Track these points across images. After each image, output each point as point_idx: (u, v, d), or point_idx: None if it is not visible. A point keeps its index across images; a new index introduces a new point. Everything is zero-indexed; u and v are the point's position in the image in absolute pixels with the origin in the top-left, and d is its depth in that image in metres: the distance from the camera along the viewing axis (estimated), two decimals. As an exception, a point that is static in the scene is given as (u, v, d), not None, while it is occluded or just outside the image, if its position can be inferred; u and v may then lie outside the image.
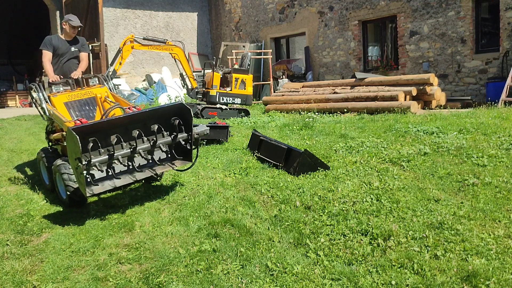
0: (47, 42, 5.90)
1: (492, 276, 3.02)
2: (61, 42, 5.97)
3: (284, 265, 3.42)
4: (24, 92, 17.30)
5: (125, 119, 4.43)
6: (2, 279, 3.46)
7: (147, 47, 10.89)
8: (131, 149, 4.39)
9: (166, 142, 4.61)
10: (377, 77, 10.11)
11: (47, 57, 5.85)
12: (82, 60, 6.16)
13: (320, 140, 6.72)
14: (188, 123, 4.64)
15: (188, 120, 4.63)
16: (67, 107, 5.36)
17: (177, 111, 4.62)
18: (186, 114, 4.61)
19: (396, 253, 3.43)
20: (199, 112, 10.20)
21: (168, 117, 4.58)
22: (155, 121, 4.48)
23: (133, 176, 4.51)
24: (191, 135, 4.69)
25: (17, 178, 6.06)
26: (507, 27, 9.88)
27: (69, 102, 5.42)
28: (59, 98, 5.39)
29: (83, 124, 4.32)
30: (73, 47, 6.04)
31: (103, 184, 4.36)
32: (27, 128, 9.46)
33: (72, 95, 5.47)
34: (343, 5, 13.14)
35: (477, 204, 4.12)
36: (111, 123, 4.34)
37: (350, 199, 4.43)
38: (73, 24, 5.96)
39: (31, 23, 19.12)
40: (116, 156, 4.29)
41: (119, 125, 4.36)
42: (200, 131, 4.89)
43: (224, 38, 17.07)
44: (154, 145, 4.51)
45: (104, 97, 5.48)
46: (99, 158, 4.21)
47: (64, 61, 5.99)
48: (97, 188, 4.30)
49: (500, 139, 5.69)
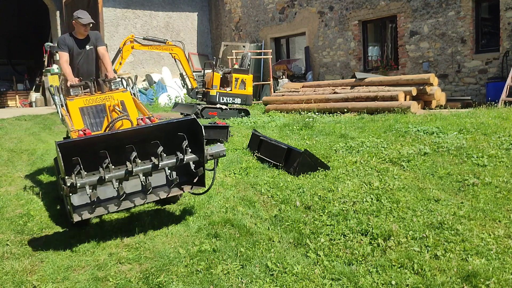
0: (61, 43, 5.41)
1: (492, 276, 3.02)
2: (74, 42, 5.46)
3: (284, 265, 3.41)
4: (24, 92, 17.30)
5: (122, 135, 3.85)
6: (2, 279, 3.46)
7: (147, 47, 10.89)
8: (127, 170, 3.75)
9: (169, 164, 3.91)
10: (377, 77, 10.12)
11: (64, 58, 5.36)
12: (103, 56, 5.56)
13: (320, 140, 6.72)
14: (199, 142, 3.95)
15: (199, 138, 3.94)
16: (81, 113, 4.86)
17: (186, 127, 3.96)
18: (197, 132, 3.93)
19: (396, 253, 3.43)
20: (199, 112, 10.20)
21: (176, 133, 3.93)
22: (160, 138, 3.84)
23: (132, 201, 3.92)
24: (202, 156, 3.99)
25: (17, 178, 6.05)
26: (507, 27, 9.88)
27: (85, 107, 4.90)
28: (75, 103, 4.90)
29: (73, 139, 3.82)
30: (87, 46, 5.51)
31: (94, 209, 3.81)
32: (27, 128, 9.46)
33: (89, 99, 4.95)
34: (343, 5, 13.14)
35: (477, 204, 4.12)
36: (103, 139, 3.80)
37: (350, 199, 4.43)
38: (83, 22, 5.35)
39: (31, 23, 19.12)
40: (109, 178, 3.66)
41: (116, 141, 3.79)
42: (214, 152, 4.06)
43: (224, 38, 17.06)
44: (156, 166, 3.84)
45: (113, 106, 4.82)
46: (85, 180, 3.59)
47: (80, 62, 5.51)
48: (86, 213, 3.77)
49: (500, 139, 5.68)
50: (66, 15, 14.86)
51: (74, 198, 3.79)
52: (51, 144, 7.94)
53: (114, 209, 3.86)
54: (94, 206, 3.80)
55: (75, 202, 3.80)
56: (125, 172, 3.74)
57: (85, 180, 3.59)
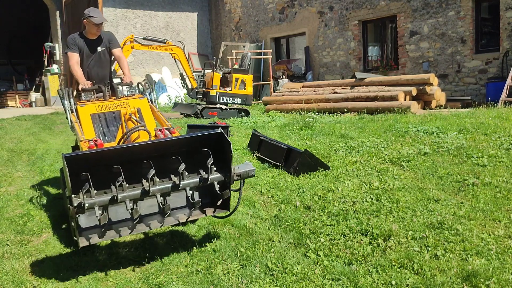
0: (71, 43, 4.93)
1: (492, 276, 3.02)
2: (85, 42, 4.98)
3: (284, 265, 3.41)
4: (24, 92, 17.30)
5: (139, 149, 3.35)
6: (2, 279, 3.46)
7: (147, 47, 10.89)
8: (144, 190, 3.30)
9: (192, 184, 3.47)
10: (377, 77, 10.12)
11: (74, 60, 4.86)
12: (119, 59, 5.10)
13: (320, 140, 6.72)
14: (226, 160, 3.50)
15: (226, 155, 3.49)
16: (93, 120, 4.37)
17: (211, 142, 3.52)
18: (224, 147, 3.48)
19: (396, 253, 3.43)
20: (199, 112, 10.20)
21: (200, 148, 3.48)
22: (180, 153, 3.42)
23: (147, 225, 3.48)
24: (229, 176, 3.53)
25: (17, 178, 6.05)
26: (507, 27, 9.88)
27: (97, 114, 4.40)
28: (86, 108, 4.39)
29: (84, 151, 3.39)
30: (99, 47, 5.03)
31: (104, 232, 3.37)
32: (27, 128, 9.46)
33: (102, 105, 4.44)
34: (343, 5, 13.14)
35: (477, 204, 4.12)
36: (117, 153, 3.34)
37: (350, 199, 4.43)
38: (95, 22, 4.85)
39: (31, 23, 19.12)
40: (122, 198, 3.22)
41: (131, 155, 3.36)
42: (242, 172, 3.58)
43: (224, 38, 17.06)
44: (176, 186, 3.39)
45: (128, 114, 4.31)
46: (95, 200, 3.16)
47: (91, 64, 5.02)
48: (95, 237, 3.33)
49: (500, 139, 5.68)
50: (66, 15, 14.86)
51: (81, 218, 3.32)
52: (51, 144, 7.94)
53: (126, 233, 3.40)
54: (104, 230, 3.35)
55: (82, 223, 3.32)
56: (141, 191, 3.28)
57: (95, 199, 3.16)
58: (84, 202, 3.09)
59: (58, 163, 6.62)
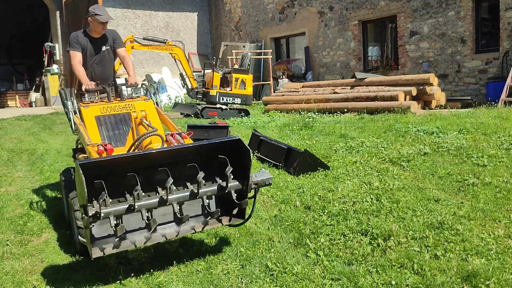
0: (73, 41, 4.71)
1: (492, 276, 3.02)
2: (89, 41, 4.77)
3: (284, 265, 3.41)
4: (24, 92, 17.31)
5: (156, 156, 3.21)
6: (2, 279, 3.46)
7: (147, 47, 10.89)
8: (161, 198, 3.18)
9: (209, 193, 3.37)
10: (377, 77, 10.12)
11: (77, 59, 4.66)
12: (124, 59, 4.94)
13: (320, 140, 6.72)
14: (244, 167, 3.39)
15: (245, 163, 3.37)
16: (98, 123, 4.18)
17: (228, 149, 3.39)
18: (243, 155, 3.35)
19: (396, 253, 3.43)
20: (199, 112, 10.21)
21: (216, 155, 3.37)
22: (196, 160, 3.32)
23: (163, 235, 3.34)
24: (247, 184, 3.41)
25: (17, 178, 6.06)
26: (507, 27, 9.88)
27: (102, 116, 4.22)
28: (90, 110, 4.20)
29: (98, 158, 3.23)
30: (104, 46, 4.83)
31: (119, 243, 3.21)
32: (27, 128, 9.46)
33: (107, 107, 4.25)
34: (343, 5, 13.14)
35: (477, 204, 4.12)
36: (133, 160, 3.20)
37: (350, 199, 4.43)
38: (101, 20, 4.63)
39: (31, 23, 19.12)
40: (139, 207, 3.10)
41: (146, 161, 3.24)
42: (260, 180, 3.47)
43: (224, 38, 17.06)
44: (194, 195, 3.29)
45: (140, 118, 4.08)
46: (111, 209, 3.01)
47: (95, 64, 4.82)
48: (109, 248, 3.16)
49: (500, 139, 5.68)
50: (66, 15, 14.87)
51: (93, 228, 3.17)
52: (51, 144, 7.94)
53: (141, 243, 3.24)
54: (118, 240, 3.18)
55: (94, 233, 3.15)
56: (158, 200, 3.16)
57: (111, 209, 3.01)
58: (100, 212, 2.94)
59: (58, 163, 6.63)
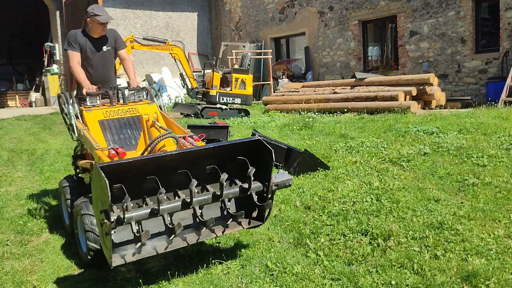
0: (71, 40, 4.47)
1: (492, 276, 3.02)
2: (88, 41, 4.54)
3: (284, 265, 3.41)
4: (24, 92, 17.30)
5: (175, 157, 3.10)
6: (2, 279, 3.46)
7: (147, 47, 10.89)
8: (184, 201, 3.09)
9: (231, 195, 3.29)
10: (377, 77, 10.12)
11: (75, 60, 4.42)
12: (124, 61, 4.74)
13: (320, 140, 6.72)
14: (265, 169, 3.30)
15: (266, 164, 3.28)
16: (102, 127, 4.01)
17: (248, 149, 3.31)
18: (264, 156, 3.27)
19: (396, 253, 3.43)
20: (199, 112, 10.21)
21: (237, 155, 3.30)
22: (215, 162, 3.25)
23: (183, 239, 3.18)
24: (268, 186, 3.33)
25: (17, 178, 6.06)
26: (507, 27, 9.88)
27: (106, 120, 4.05)
28: (93, 114, 4.04)
29: (119, 160, 3.11)
30: (104, 47, 4.61)
31: (139, 249, 3.02)
32: (27, 128, 9.46)
33: (110, 111, 4.09)
34: (343, 5, 13.14)
35: (477, 204, 4.12)
36: (153, 162, 3.05)
37: (350, 199, 4.42)
38: (101, 21, 4.45)
39: (31, 23, 19.12)
40: (162, 211, 2.98)
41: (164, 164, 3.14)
42: (280, 182, 3.40)
43: (224, 38, 17.06)
44: (217, 197, 3.20)
45: (152, 120, 3.91)
46: (133, 214, 2.87)
47: (94, 65, 4.59)
48: (129, 255, 2.97)
49: (500, 139, 5.68)
50: (66, 15, 14.86)
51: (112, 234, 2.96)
52: (51, 144, 7.95)
53: (162, 249, 3.08)
54: (139, 246, 3.01)
55: (114, 239, 2.95)
56: (181, 204, 3.05)
57: (133, 213, 2.87)
58: (124, 217, 2.80)
59: (58, 163, 6.63)
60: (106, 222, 2.75)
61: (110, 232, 2.78)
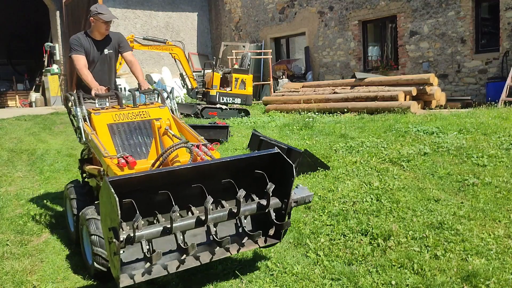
0: (76, 44, 4.31)
1: (492, 276, 3.02)
2: (91, 43, 4.40)
3: (284, 265, 3.41)
4: (24, 92, 17.30)
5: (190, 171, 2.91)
6: (2, 279, 3.46)
7: (147, 47, 10.90)
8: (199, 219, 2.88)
9: (247, 212, 3.07)
10: (377, 77, 10.12)
11: (82, 63, 4.27)
12: (131, 64, 4.58)
13: (320, 140, 6.72)
14: (285, 184, 3.09)
15: (286, 179, 3.07)
16: (111, 132, 3.79)
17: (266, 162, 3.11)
18: (284, 170, 3.06)
19: (396, 253, 3.43)
20: (199, 112, 10.21)
21: (255, 168, 3.10)
22: (233, 174, 3.05)
23: (197, 258, 2.96)
24: (287, 202, 3.11)
25: (17, 178, 6.06)
26: (507, 27, 9.88)
27: (115, 124, 3.83)
28: (102, 118, 3.81)
29: (129, 174, 2.81)
30: (106, 49, 4.47)
31: (150, 269, 2.81)
32: (27, 128, 9.46)
33: (120, 114, 3.87)
34: (343, 5, 13.14)
35: (477, 204, 4.12)
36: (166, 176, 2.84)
37: (350, 199, 4.42)
38: (105, 19, 4.29)
39: (31, 23, 19.12)
40: (175, 229, 2.78)
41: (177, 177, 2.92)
42: (299, 198, 3.19)
43: (224, 38, 17.06)
44: (233, 215, 3.00)
45: (164, 128, 3.50)
46: (144, 232, 2.68)
47: (97, 68, 4.45)
48: (138, 275, 2.77)
49: (500, 139, 5.68)
50: (66, 15, 14.86)
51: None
52: (51, 144, 7.95)
53: (174, 268, 2.87)
54: (149, 266, 2.81)
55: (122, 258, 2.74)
56: (196, 221, 2.86)
57: (144, 232, 2.67)
58: (135, 235, 2.61)
59: (58, 163, 6.63)
60: (115, 241, 2.54)
61: (118, 252, 2.57)
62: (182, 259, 2.88)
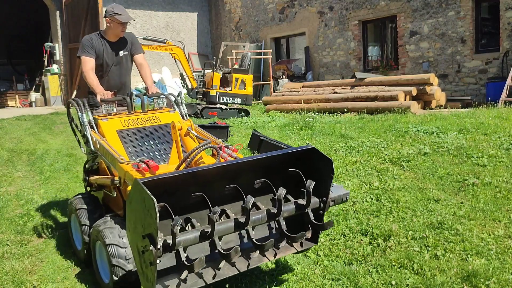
0: (87, 45, 4.11)
1: (492, 276, 3.02)
2: (104, 45, 4.18)
3: (284, 265, 3.41)
4: (24, 92, 17.30)
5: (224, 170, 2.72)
6: (2, 279, 3.46)
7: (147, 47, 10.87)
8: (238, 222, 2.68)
9: (286, 213, 2.88)
10: (377, 77, 10.12)
11: (89, 66, 4.06)
12: (141, 67, 4.33)
13: (320, 140, 6.72)
14: (322, 182, 2.90)
15: (323, 176, 2.90)
16: (121, 138, 3.59)
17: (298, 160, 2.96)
18: (320, 166, 2.92)
19: (396, 253, 3.43)
20: (199, 112, 10.21)
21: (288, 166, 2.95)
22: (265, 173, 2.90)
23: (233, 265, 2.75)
24: (325, 202, 2.97)
25: (17, 178, 6.06)
26: (507, 27, 9.88)
27: (125, 130, 3.65)
28: (110, 124, 3.62)
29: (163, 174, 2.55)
30: (121, 51, 4.27)
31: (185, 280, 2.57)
32: (27, 128, 9.46)
33: (129, 120, 3.70)
34: (343, 5, 13.14)
35: (477, 204, 4.12)
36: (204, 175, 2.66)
37: (350, 199, 4.43)
38: (121, 20, 4.12)
39: (31, 23, 19.12)
40: (217, 232, 2.58)
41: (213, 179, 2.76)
42: (337, 197, 3.07)
43: (224, 38, 17.06)
44: (273, 216, 2.81)
45: (186, 128, 3.27)
46: (182, 238, 2.47)
47: (112, 72, 4.25)
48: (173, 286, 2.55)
49: (500, 139, 5.68)
50: (66, 15, 14.86)
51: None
52: (51, 144, 7.95)
53: (210, 278, 2.65)
54: (185, 276, 2.56)
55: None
56: (235, 224, 2.66)
57: (181, 237, 2.47)
58: (175, 241, 2.41)
59: (58, 163, 6.63)
60: (152, 249, 2.30)
61: (155, 262, 2.32)
62: (218, 267, 2.66)
